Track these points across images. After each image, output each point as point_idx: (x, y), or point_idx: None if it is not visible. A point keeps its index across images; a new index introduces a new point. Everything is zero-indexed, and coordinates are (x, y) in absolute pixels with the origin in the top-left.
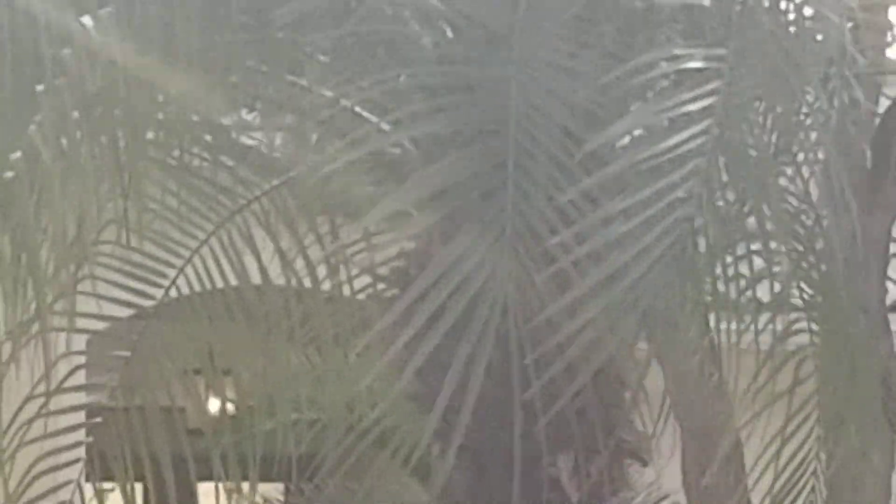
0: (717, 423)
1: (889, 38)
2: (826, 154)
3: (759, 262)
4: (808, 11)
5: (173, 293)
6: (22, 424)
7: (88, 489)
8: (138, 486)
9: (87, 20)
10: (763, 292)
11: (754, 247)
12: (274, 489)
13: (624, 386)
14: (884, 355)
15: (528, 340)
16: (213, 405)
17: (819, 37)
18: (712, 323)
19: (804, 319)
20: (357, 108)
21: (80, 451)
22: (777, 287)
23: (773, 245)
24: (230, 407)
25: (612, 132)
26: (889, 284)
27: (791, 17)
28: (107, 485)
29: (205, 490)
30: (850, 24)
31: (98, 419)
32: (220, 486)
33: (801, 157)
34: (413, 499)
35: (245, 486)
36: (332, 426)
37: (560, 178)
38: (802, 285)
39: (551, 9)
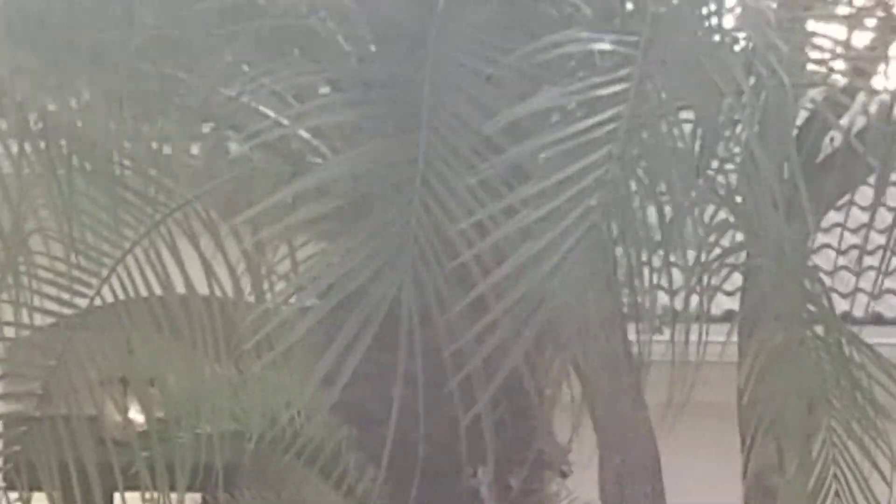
0: (636, 434)
1: (807, 54)
2: (753, 159)
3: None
4: (728, 23)
5: (97, 301)
6: None
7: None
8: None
9: None
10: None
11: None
12: (190, 499)
13: (542, 397)
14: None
15: (453, 354)
16: (135, 414)
17: (740, 45)
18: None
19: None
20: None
21: None
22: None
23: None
24: (142, 418)
25: (521, 110)
26: None
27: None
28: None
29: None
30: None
31: (21, 428)
32: (140, 495)
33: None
34: None
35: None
36: (252, 436)
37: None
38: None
39: (470, 13)
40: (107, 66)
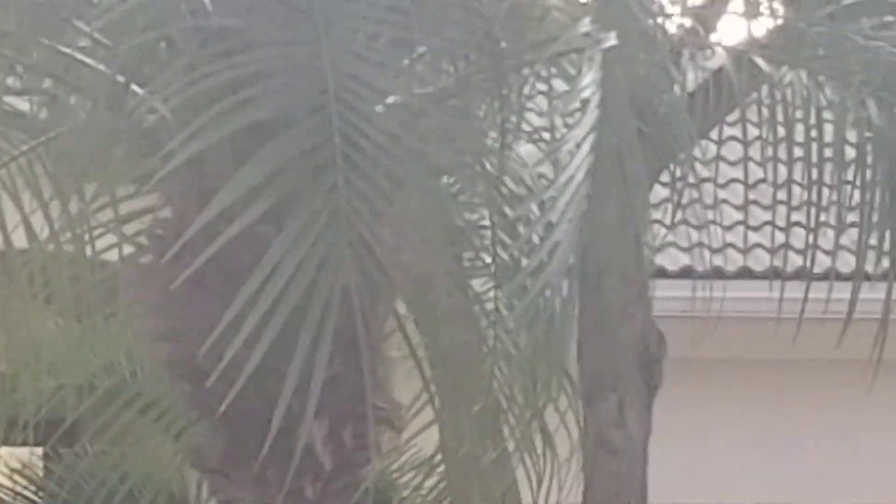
0: (475, 389)
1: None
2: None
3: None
4: None
5: None
6: None
7: None
8: None
9: None
10: None
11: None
12: (33, 453)
13: (377, 352)
14: (641, 321)
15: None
16: None
17: None
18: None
19: None
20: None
21: None
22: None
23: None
24: None
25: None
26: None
27: None
28: None
29: None
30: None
31: None
32: None
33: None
34: (170, 464)
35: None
36: (90, 391)
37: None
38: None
39: None
40: None
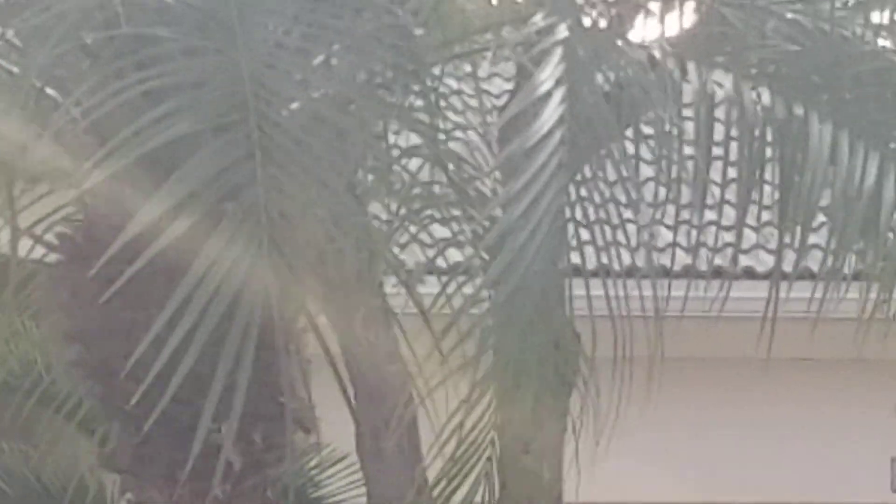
0: (391, 387)
1: None
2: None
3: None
4: None
5: None
6: None
7: None
8: None
9: None
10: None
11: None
12: None
13: (288, 353)
14: (558, 320)
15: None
16: None
17: None
18: (386, 287)
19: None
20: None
21: None
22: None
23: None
24: None
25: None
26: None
27: None
28: None
29: None
30: None
31: None
32: None
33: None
34: (86, 463)
35: None
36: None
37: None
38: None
39: None
40: None
